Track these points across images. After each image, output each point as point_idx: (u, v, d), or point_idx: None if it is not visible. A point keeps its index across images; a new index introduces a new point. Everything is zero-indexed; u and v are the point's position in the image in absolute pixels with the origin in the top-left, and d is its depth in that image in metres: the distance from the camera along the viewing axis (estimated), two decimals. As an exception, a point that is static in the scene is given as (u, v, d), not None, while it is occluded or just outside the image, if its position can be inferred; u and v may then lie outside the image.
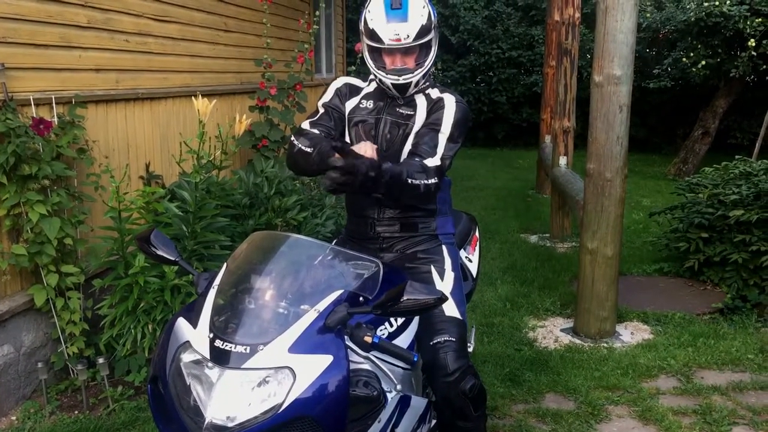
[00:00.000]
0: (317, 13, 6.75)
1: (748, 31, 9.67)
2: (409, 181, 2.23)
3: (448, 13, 13.97)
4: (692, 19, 10.08)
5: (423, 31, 2.38)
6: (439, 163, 2.37)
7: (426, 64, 2.45)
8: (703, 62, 10.48)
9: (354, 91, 2.62)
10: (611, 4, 4.11)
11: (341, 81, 2.65)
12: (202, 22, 5.52)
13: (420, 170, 2.29)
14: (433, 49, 2.47)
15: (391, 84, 2.46)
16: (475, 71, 14.06)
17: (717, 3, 9.82)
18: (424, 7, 2.40)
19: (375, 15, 2.39)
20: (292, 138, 2.45)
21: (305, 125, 2.54)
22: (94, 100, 4.07)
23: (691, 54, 10.73)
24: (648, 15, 11.73)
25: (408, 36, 2.36)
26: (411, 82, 2.45)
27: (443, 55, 14.25)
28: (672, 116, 13.06)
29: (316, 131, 2.48)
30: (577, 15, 7.08)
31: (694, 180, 5.71)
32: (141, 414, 3.43)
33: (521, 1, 13.87)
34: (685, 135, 11.77)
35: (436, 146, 2.40)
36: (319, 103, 2.61)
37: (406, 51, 2.41)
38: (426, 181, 2.29)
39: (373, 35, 2.40)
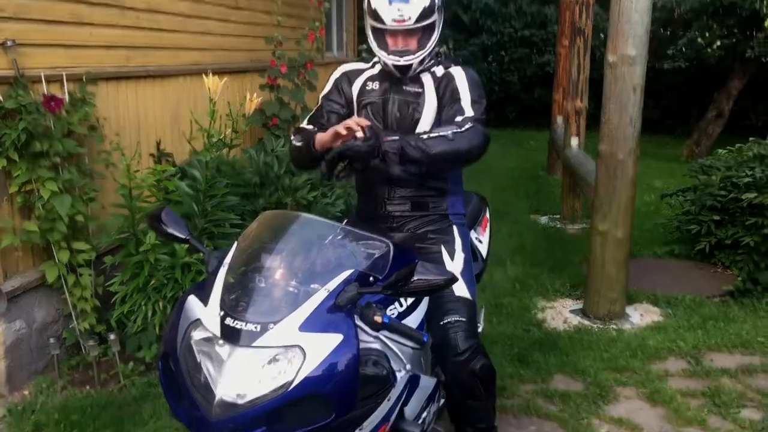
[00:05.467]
0: (328, -10, 6.70)
1: (764, 11, 9.52)
2: (431, 134, 2.22)
3: (460, -9, 13.85)
4: (708, -1, 9.96)
5: (425, 13, 2.37)
6: (471, 114, 2.35)
7: (428, 46, 2.44)
8: (718, 43, 10.38)
9: (355, 74, 2.62)
10: (626, -18, 4.05)
11: (340, 71, 2.65)
12: (213, -1, 5.49)
13: (449, 125, 2.29)
14: (436, 31, 2.45)
15: (393, 65, 2.45)
16: (486, 50, 13.94)
17: (733, -18, 9.69)
18: None
19: None
20: (291, 137, 2.48)
21: (303, 124, 2.56)
22: (104, 78, 4.07)
23: (706, 34, 10.62)
24: (663, -6, 11.58)
25: (410, 18, 2.35)
26: (412, 64, 2.44)
27: (455, 34, 14.14)
28: (686, 97, 12.93)
29: (310, 127, 2.49)
30: (592, -6, 6.99)
31: (707, 162, 5.67)
32: (152, 390, 3.46)
33: (534, -21, 13.74)
34: (699, 116, 11.65)
35: (462, 109, 2.38)
36: (320, 96, 2.63)
37: (408, 32, 2.40)
38: (457, 129, 2.25)
39: (376, 16, 2.39)
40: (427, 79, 2.52)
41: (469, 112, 2.37)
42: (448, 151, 2.22)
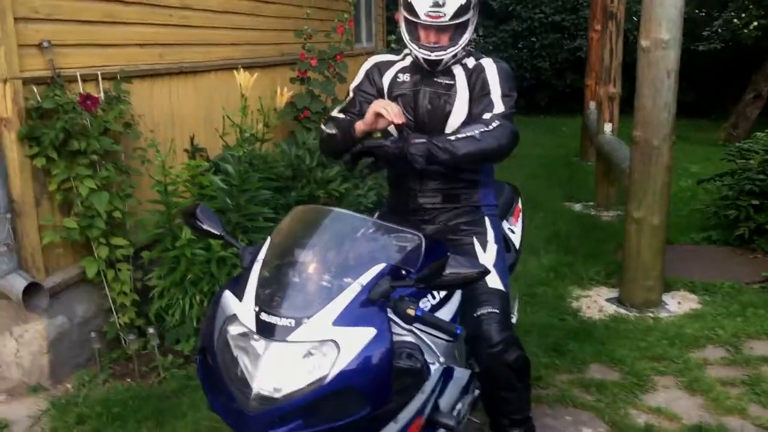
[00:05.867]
0: (357, -19, 6.69)
1: (804, -11, 9.29)
2: (458, 135, 2.25)
3: (490, -22, 13.72)
4: (745, -23, 9.74)
5: (461, 11, 2.37)
6: (501, 110, 2.36)
7: (460, 43, 2.44)
8: (755, 23, 10.14)
9: (386, 66, 2.62)
10: (659, -35, 3.98)
11: (371, 62, 2.66)
12: (243, -7, 5.53)
13: (476, 123, 2.31)
14: (469, 28, 2.44)
15: (423, 59, 2.45)
16: (517, 37, 13.81)
17: (771, -40, 9.45)
18: None
19: None
20: (322, 125, 2.51)
21: (335, 113, 2.58)
22: (138, 75, 4.12)
23: (743, 14, 10.37)
24: (698, -26, 11.37)
25: (445, 14, 2.35)
26: (443, 59, 2.44)
27: (484, 21, 14.02)
28: (722, 80, 12.64)
29: (342, 116, 2.51)
30: (624, -23, 6.88)
31: (745, 145, 5.56)
32: (190, 382, 3.52)
33: (565, -37, 13.54)
34: (736, 99, 11.39)
35: (491, 104, 2.39)
36: (351, 87, 2.64)
37: (441, 28, 2.39)
38: (485, 128, 2.27)
39: (410, 8, 2.39)
40: (458, 71, 2.51)
41: (498, 107, 2.37)
42: (476, 152, 2.25)
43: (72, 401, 3.40)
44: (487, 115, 2.34)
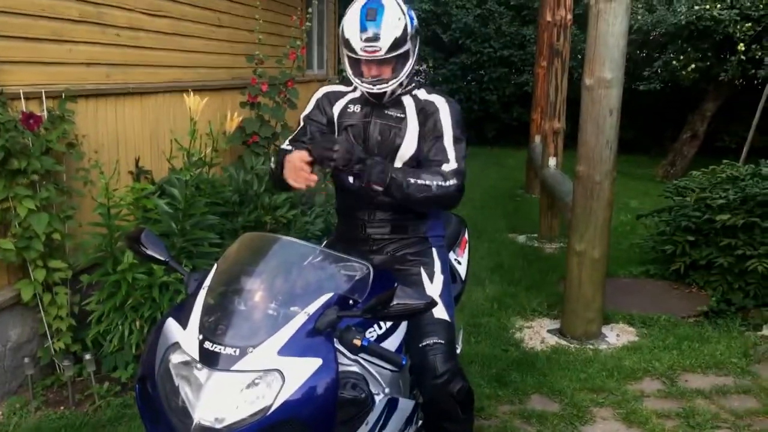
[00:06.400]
0: (310, 9, 6.74)
1: (737, 35, 9.73)
2: (421, 182, 2.30)
3: (440, 11, 13.98)
4: (683, 22, 10.14)
5: (397, 43, 2.36)
6: (455, 165, 2.41)
7: (402, 74, 2.43)
8: (693, 66, 10.54)
9: (336, 96, 2.63)
10: (603, 7, 4.12)
11: (322, 92, 2.67)
12: (195, 17, 5.50)
13: (436, 173, 2.35)
14: (410, 59, 2.45)
15: (366, 92, 2.48)
16: (466, 69, 14.07)
17: (707, 7, 9.88)
18: (399, 18, 2.37)
19: (349, 25, 2.38)
20: (272, 158, 2.55)
21: (284, 145, 2.59)
22: (84, 95, 4.05)
23: (681, 57, 10.79)
24: (639, 17, 11.78)
25: (381, 48, 2.35)
26: (386, 91, 2.45)
27: (435, 53, 14.26)
28: (661, 118, 13.11)
29: (290, 147, 2.52)
30: (569, 16, 7.12)
31: (682, 183, 5.75)
32: (127, 411, 3.43)
33: (513, 1, 13.89)
34: (674, 137, 11.83)
35: (445, 151, 2.42)
36: (302, 116, 2.64)
37: (381, 61, 2.40)
38: (442, 183, 2.33)
39: (348, 44, 2.39)
40: (408, 102, 2.53)
41: (453, 159, 2.41)
42: (426, 201, 2.36)
43: (2, 430, 3.27)
44: (445, 168, 2.38)
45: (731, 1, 9.90)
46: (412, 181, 2.30)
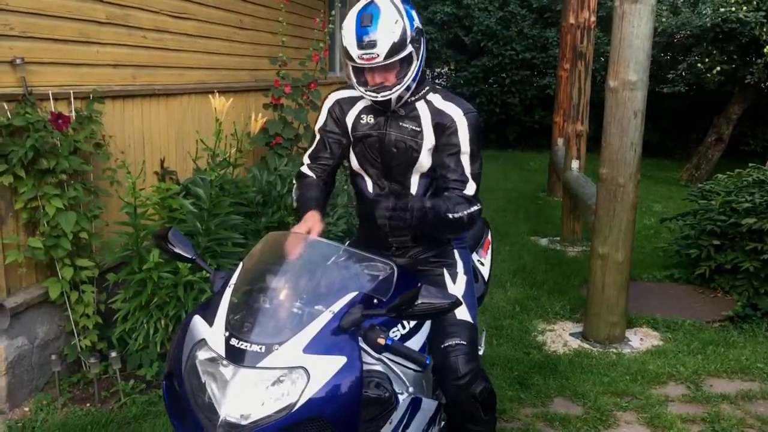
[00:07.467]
0: (333, 12, 6.76)
1: (764, 37, 9.63)
2: (450, 216, 2.32)
3: (462, 14, 13.94)
4: (708, 24, 10.05)
5: (395, 48, 2.27)
6: (475, 187, 2.42)
7: (406, 78, 2.35)
8: (718, 68, 10.45)
9: (348, 103, 2.56)
10: (628, 9, 4.10)
11: (332, 99, 2.60)
12: (219, 19, 5.55)
13: (461, 201, 2.37)
14: (414, 61, 2.35)
15: (371, 101, 2.43)
16: (488, 72, 14.03)
17: (733, 9, 9.78)
18: (396, 21, 2.28)
19: (347, 33, 2.31)
20: (294, 181, 2.59)
21: (304, 168, 2.60)
22: (111, 96, 4.10)
23: (707, 59, 10.70)
24: (664, 19, 11.69)
25: (378, 55, 2.26)
26: (391, 98, 2.38)
27: (456, 56, 14.23)
28: (685, 121, 12.99)
29: (312, 176, 2.56)
30: (593, 19, 7.06)
31: (707, 186, 5.70)
32: (152, 408, 3.46)
33: (536, 3, 13.83)
34: (699, 140, 11.71)
35: (463, 171, 2.40)
36: (316, 128, 2.60)
37: (383, 68, 2.32)
38: (469, 210, 2.37)
39: (347, 54, 2.32)
40: (423, 111, 2.45)
41: (470, 177, 2.41)
42: (443, 228, 2.40)
43: (29, 425, 3.32)
44: (467, 191, 2.39)
45: (757, 3, 9.80)
46: (431, 215, 2.28)
